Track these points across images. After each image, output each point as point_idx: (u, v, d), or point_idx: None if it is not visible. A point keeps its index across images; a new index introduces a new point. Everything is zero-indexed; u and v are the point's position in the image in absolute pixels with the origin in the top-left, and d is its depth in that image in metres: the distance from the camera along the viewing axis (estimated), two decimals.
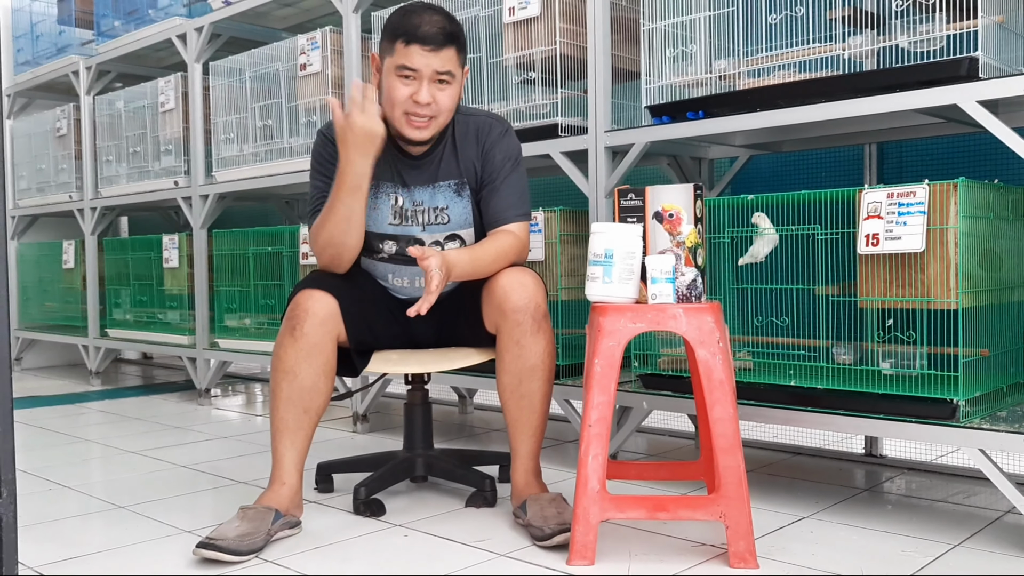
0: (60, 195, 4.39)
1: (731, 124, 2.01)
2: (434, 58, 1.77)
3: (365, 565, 1.60)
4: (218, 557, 1.58)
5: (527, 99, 2.42)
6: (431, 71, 1.78)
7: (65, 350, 5.06)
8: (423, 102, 1.78)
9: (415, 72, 1.78)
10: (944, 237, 1.67)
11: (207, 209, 3.49)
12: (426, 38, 1.76)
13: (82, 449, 2.73)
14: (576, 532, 1.55)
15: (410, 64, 1.77)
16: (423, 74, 1.77)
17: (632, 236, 1.63)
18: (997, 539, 1.68)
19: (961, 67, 1.69)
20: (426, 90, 1.78)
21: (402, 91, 1.79)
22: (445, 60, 1.78)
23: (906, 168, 2.33)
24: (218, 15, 3.38)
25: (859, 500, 1.98)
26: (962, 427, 1.66)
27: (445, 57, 1.78)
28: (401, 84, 1.79)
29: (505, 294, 1.77)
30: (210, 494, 2.14)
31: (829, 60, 1.88)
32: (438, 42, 1.76)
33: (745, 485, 1.52)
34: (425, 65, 1.77)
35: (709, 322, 1.56)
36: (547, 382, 1.81)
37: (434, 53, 1.77)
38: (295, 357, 1.75)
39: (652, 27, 2.14)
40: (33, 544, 1.75)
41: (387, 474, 2.00)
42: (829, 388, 1.83)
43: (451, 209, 1.92)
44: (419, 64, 1.77)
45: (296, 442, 1.77)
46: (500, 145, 1.90)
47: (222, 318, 3.43)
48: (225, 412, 3.39)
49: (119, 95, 3.97)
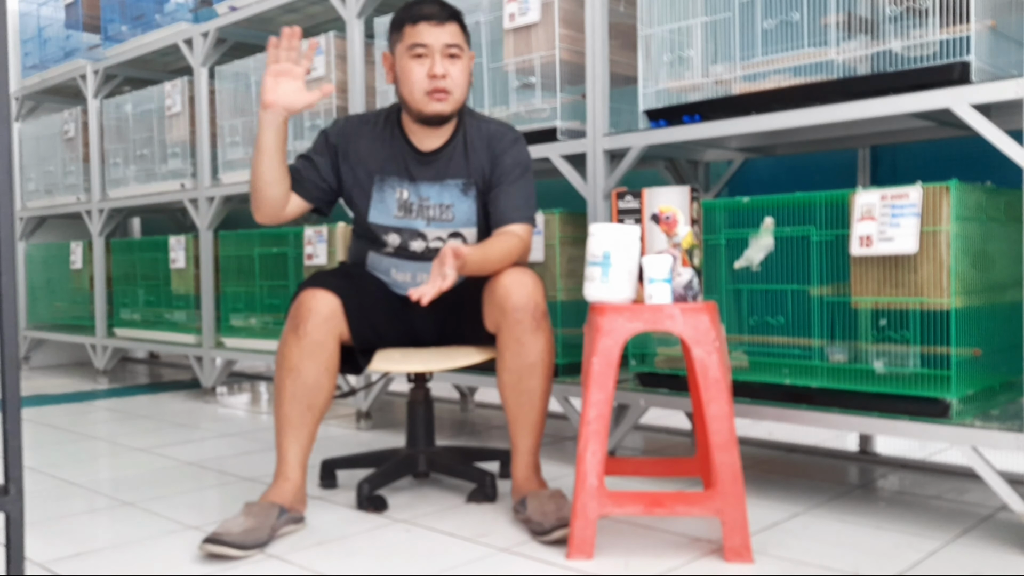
0: (68, 197, 4.43)
1: (727, 128, 2.04)
2: (442, 32, 1.86)
3: (368, 560, 1.62)
4: (224, 551, 1.61)
5: (527, 104, 2.45)
6: (441, 44, 1.86)
7: (73, 349, 5.09)
8: (439, 74, 1.86)
9: (426, 47, 1.86)
10: (937, 239, 1.69)
11: (213, 211, 3.53)
12: (431, 15, 1.87)
13: (89, 446, 2.76)
14: (575, 527, 1.58)
15: (420, 40, 1.86)
16: (434, 48, 1.86)
17: (629, 238, 1.65)
18: (989, 536, 1.70)
19: (954, 71, 1.71)
20: (439, 63, 1.86)
21: (418, 71, 1.87)
22: (452, 34, 1.88)
23: (899, 171, 2.35)
24: (224, 20, 3.41)
25: (853, 497, 2.00)
26: (954, 425, 1.68)
27: (451, 31, 1.88)
28: (416, 64, 1.87)
29: (506, 293, 1.80)
30: (216, 490, 2.17)
31: (823, 65, 1.91)
32: (443, 17, 1.88)
33: (741, 481, 1.55)
34: (435, 39, 1.86)
35: (705, 322, 1.59)
36: (546, 379, 1.84)
37: (440, 27, 1.87)
38: (298, 355, 1.79)
39: (649, 33, 2.17)
40: (41, 540, 1.77)
41: (390, 470, 2.03)
42: (823, 387, 1.86)
43: (456, 207, 1.95)
44: (429, 39, 1.86)
45: (300, 439, 1.81)
46: (511, 151, 1.94)
47: (228, 318, 3.47)
48: (231, 410, 3.42)
49: (126, 99, 4.01)
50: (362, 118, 2.02)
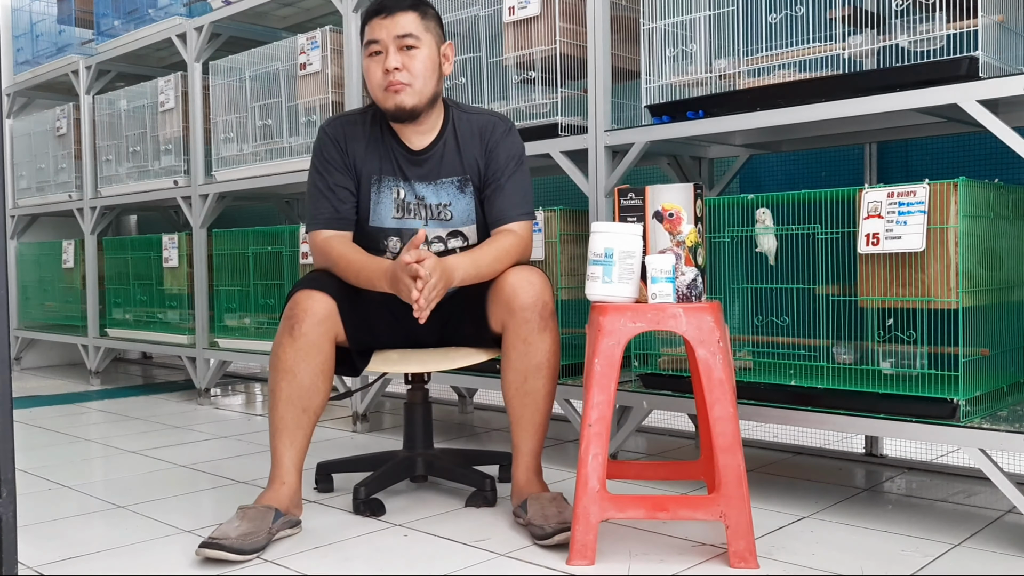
0: (60, 195, 4.39)
1: (731, 124, 2.01)
2: (392, 24, 1.83)
3: (365, 565, 1.60)
4: (222, 556, 1.58)
5: (527, 99, 2.42)
6: (392, 37, 1.83)
7: (65, 350, 5.06)
8: (391, 67, 1.82)
9: (378, 43, 1.84)
10: (944, 236, 1.67)
11: (207, 209, 3.49)
12: (382, 8, 1.84)
13: (82, 449, 2.73)
14: (576, 531, 1.55)
15: (373, 36, 1.85)
16: (386, 42, 1.83)
17: (632, 236, 1.63)
18: (997, 539, 1.68)
19: (961, 66, 1.69)
20: (393, 57, 1.83)
21: (374, 69, 1.86)
22: (404, 24, 1.83)
23: (906, 167, 2.33)
24: (218, 15, 3.37)
25: (859, 500, 1.98)
26: (962, 427, 1.66)
27: (403, 21, 1.83)
28: (372, 63, 1.86)
29: (513, 292, 1.77)
30: (210, 493, 2.14)
31: (829, 60, 1.88)
32: (393, 9, 1.84)
33: (745, 484, 1.52)
34: (385, 33, 1.83)
35: (709, 321, 1.56)
36: (551, 380, 1.82)
37: (391, 19, 1.83)
38: (294, 357, 1.75)
39: (652, 26, 2.14)
40: (33, 544, 1.75)
41: (387, 474, 2.00)
42: (829, 388, 1.83)
43: (454, 206, 1.92)
44: (379, 35, 1.84)
45: (295, 441, 1.78)
46: (504, 144, 1.91)
47: (222, 318, 3.43)
48: (225, 412, 3.39)
49: (119, 94, 3.97)
50: (349, 119, 1.96)
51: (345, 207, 1.90)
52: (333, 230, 1.90)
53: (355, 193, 1.92)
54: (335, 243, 1.88)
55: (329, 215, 1.89)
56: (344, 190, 1.90)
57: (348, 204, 1.91)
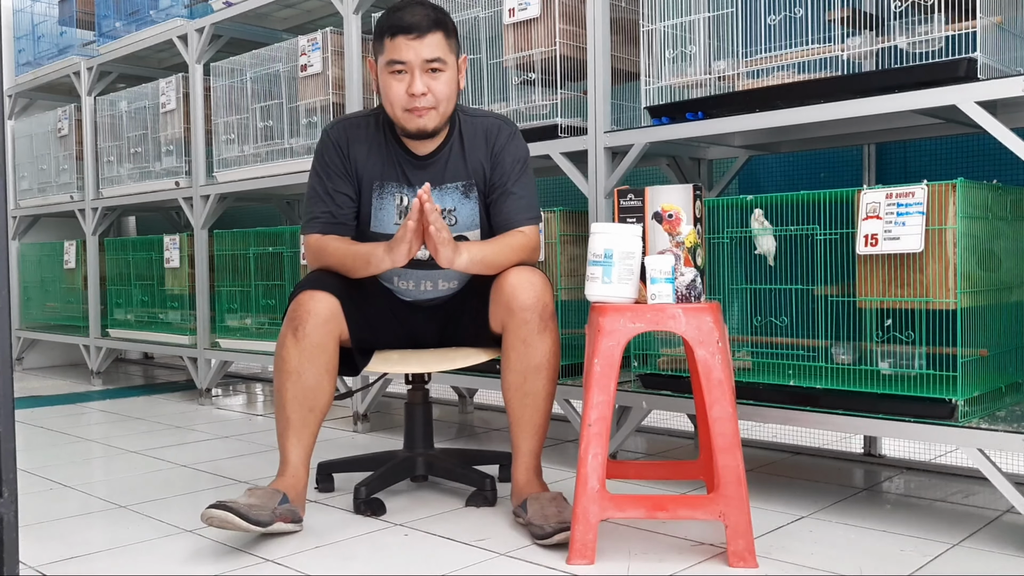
0: (61, 195, 4.40)
1: (730, 125, 2.02)
2: (421, 46, 1.77)
3: (366, 564, 1.60)
4: (227, 519, 1.57)
5: (527, 100, 2.43)
6: (420, 60, 1.78)
7: (66, 350, 5.06)
8: (417, 93, 1.78)
9: (405, 64, 1.78)
10: (943, 237, 1.68)
11: (208, 209, 3.50)
12: (410, 27, 1.77)
13: (83, 449, 2.73)
14: (576, 531, 1.56)
15: (398, 57, 1.78)
16: (413, 64, 1.78)
17: (631, 236, 1.63)
18: (995, 538, 1.68)
19: (960, 68, 1.69)
20: (419, 81, 1.78)
21: (397, 88, 1.80)
22: (433, 47, 1.78)
23: (905, 169, 2.33)
24: (219, 16, 3.38)
25: (858, 499, 1.98)
26: (961, 427, 1.66)
27: (432, 43, 1.78)
28: (394, 81, 1.80)
29: (513, 292, 1.78)
30: (211, 493, 2.14)
31: (828, 61, 1.89)
32: (422, 29, 1.77)
33: (744, 484, 1.53)
34: (413, 55, 1.78)
35: (708, 322, 1.56)
36: (551, 381, 1.82)
37: (419, 41, 1.77)
38: (299, 358, 1.76)
39: (651, 28, 2.15)
40: (34, 543, 1.75)
41: (387, 473, 2.01)
42: (828, 388, 1.84)
43: (459, 211, 1.92)
44: (407, 56, 1.78)
45: (302, 439, 1.79)
46: (509, 148, 1.90)
47: (223, 318, 3.44)
48: (226, 412, 3.39)
49: (120, 96, 3.98)
50: (353, 122, 1.94)
51: (343, 212, 1.90)
52: (329, 234, 1.90)
53: (354, 199, 1.92)
54: (330, 240, 1.88)
55: (326, 219, 1.89)
56: (343, 195, 1.90)
57: (346, 209, 1.90)
